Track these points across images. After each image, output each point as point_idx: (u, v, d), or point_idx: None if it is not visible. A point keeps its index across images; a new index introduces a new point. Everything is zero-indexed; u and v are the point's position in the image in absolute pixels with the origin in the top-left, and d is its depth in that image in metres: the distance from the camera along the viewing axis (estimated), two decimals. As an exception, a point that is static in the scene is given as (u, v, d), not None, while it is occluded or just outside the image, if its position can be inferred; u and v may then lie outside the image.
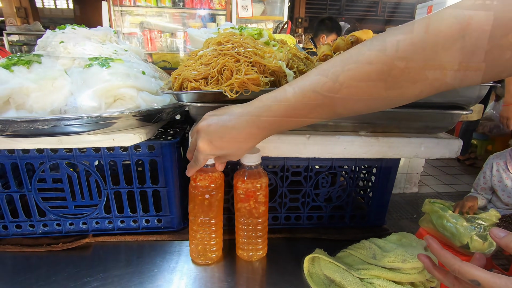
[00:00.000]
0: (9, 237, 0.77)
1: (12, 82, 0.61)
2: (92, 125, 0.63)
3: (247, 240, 0.70)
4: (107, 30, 0.86)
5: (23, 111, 0.63)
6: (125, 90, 0.67)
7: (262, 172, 0.67)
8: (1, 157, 0.70)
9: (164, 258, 0.73)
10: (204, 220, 0.66)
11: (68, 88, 0.66)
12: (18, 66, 0.65)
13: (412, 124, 0.71)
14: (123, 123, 0.66)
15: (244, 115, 0.50)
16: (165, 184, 0.76)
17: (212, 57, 0.59)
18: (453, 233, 1.62)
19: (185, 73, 0.59)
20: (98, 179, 0.73)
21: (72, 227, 0.78)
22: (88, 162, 0.72)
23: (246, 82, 0.55)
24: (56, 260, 0.72)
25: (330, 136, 0.68)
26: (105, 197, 0.76)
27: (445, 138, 0.72)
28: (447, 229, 1.69)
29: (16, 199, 0.74)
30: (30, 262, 0.72)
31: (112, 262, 0.71)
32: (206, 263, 0.69)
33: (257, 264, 0.72)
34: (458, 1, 0.38)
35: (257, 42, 0.62)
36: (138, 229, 0.80)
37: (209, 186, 0.64)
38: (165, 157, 0.74)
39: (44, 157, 0.70)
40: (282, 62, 0.60)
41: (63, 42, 0.76)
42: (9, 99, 0.62)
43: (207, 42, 0.65)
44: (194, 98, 0.59)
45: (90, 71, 0.67)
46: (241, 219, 0.68)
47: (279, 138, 0.67)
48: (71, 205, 0.76)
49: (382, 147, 0.69)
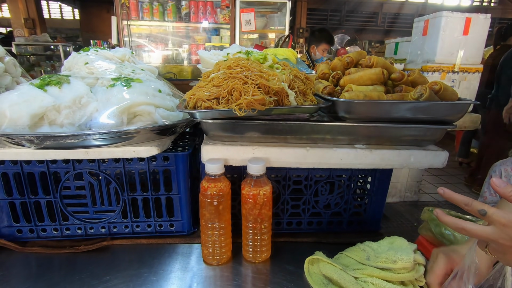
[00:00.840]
0: (35, 239, 0.84)
1: (46, 100, 0.70)
2: (116, 139, 0.71)
3: (253, 243, 0.77)
4: (125, 51, 0.95)
5: (55, 126, 0.71)
6: (144, 107, 0.75)
7: (266, 180, 0.74)
8: (31, 167, 0.77)
9: (176, 259, 0.79)
10: (214, 225, 0.73)
11: (94, 105, 0.75)
12: (50, 86, 0.74)
13: (402, 138, 0.79)
14: (142, 137, 0.75)
15: None
16: (178, 191, 0.84)
17: (223, 79, 0.67)
18: (451, 241, 1.67)
19: (199, 93, 0.67)
20: (117, 186, 0.81)
21: (92, 231, 0.85)
22: (108, 171, 0.80)
23: (253, 102, 0.63)
24: (78, 261, 0.79)
25: (328, 148, 0.75)
26: (122, 203, 0.83)
27: (433, 150, 0.79)
28: (445, 237, 1.73)
29: (43, 205, 0.81)
30: (55, 262, 0.79)
31: (129, 262, 0.78)
32: (216, 263, 0.76)
33: (261, 265, 0.78)
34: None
35: (262, 66, 0.70)
36: (152, 233, 0.87)
37: (217, 194, 0.71)
38: (178, 167, 0.81)
39: (70, 167, 0.78)
40: (284, 84, 0.68)
41: (87, 63, 0.85)
42: (44, 116, 0.70)
43: (218, 65, 0.73)
44: (207, 116, 0.67)
45: (114, 91, 0.76)
46: (247, 223, 0.75)
47: (282, 150, 0.74)
48: (92, 210, 0.84)
49: (375, 158, 0.76)
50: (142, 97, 0.76)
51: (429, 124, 0.76)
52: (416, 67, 2.80)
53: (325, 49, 3.03)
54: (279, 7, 3.70)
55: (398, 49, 3.39)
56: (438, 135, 0.78)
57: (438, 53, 2.61)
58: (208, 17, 3.28)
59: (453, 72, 2.70)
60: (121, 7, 3.03)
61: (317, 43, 2.99)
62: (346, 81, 0.79)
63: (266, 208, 0.74)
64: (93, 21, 10.85)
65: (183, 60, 3.62)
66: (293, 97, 0.69)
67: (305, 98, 0.74)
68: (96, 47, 0.92)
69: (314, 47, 3.00)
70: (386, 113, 0.73)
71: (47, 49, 8.68)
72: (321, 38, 2.99)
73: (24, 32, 8.50)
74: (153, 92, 0.80)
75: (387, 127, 0.76)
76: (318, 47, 2.99)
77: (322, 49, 3.01)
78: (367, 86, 0.78)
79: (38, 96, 0.70)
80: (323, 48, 3.01)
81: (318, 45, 2.99)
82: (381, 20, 8.56)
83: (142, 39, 3.48)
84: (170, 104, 0.82)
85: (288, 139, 0.76)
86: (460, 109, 0.76)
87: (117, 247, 0.85)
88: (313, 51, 3.00)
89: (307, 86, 0.76)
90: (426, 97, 0.72)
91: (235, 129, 0.72)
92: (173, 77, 3.12)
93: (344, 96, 0.73)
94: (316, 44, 2.99)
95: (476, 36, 2.58)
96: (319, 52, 3.02)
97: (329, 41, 3.01)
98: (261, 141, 0.76)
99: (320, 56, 3.03)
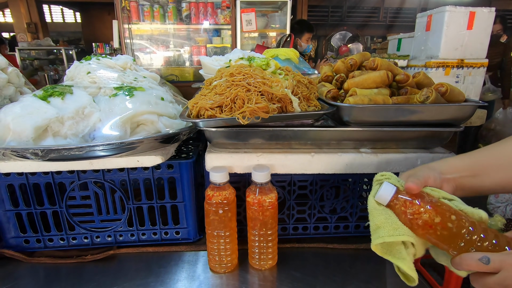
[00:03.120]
0: (42, 249, 0.84)
1: (49, 112, 0.70)
2: (119, 149, 0.71)
3: (259, 250, 0.76)
4: (127, 59, 0.95)
5: (59, 138, 0.71)
6: (147, 116, 0.75)
7: (271, 188, 0.73)
8: (36, 178, 0.78)
9: (183, 267, 0.79)
10: (219, 233, 0.73)
11: (97, 115, 0.75)
12: (53, 97, 0.74)
13: (409, 141, 0.78)
14: (146, 146, 0.74)
15: None
16: (183, 199, 0.83)
17: (226, 87, 0.66)
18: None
19: (202, 102, 0.66)
20: (122, 195, 0.81)
21: (98, 240, 0.86)
22: (113, 181, 0.80)
23: (257, 110, 0.62)
24: (85, 270, 0.79)
25: (333, 154, 0.74)
26: (128, 212, 0.83)
27: (440, 153, 0.78)
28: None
29: (49, 215, 0.81)
30: (62, 272, 0.79)
31: (136, 271, 0.78)
32: (222, 271, 0.76)
33: (268, 272, 0.78)
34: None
35: (264, 72, 0.69)
36: (158, 240, 0.87)
37: (222, 202, 0.71)
38: (182, 174, 0.81)
39: (75, 177, 0.78)
40: (287, 90, 0.67)
41: (89, 72, 0.85)
42: (47, 128, 0.70)
43: (220, 72, 0.73)
44: (210, 125, 0.66)
45: (116, 100, 0.75)
46: (253, 230, 0.75)
47: (286, 157, 0.74)
48: (98, 219, 0.84)
49: (381, 163, 0.75)
50: (145, 106, 0.75)
51: (436, 127, 0.75)
52: (420, 63, 2.77)
53: (309, 37, 3.13)
54: (279, 6, 3.68)
55: (401, 45, 3.36)
56: (445, 137, 0.77)
57: (442, 48, 2.57)
58: (209, 18, 3.27)
59: (458, 68, 2.66)
60: (122, 10, 3.04)
61: (300, 35, 3.07)
62: (350, 84, 0.78)
63: (272, 215, 0.73)
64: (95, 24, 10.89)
65: (184, 62, 3.61)
66: (297, 103, 0.68)
67: (309, 104, 0.73)
68: (98, 56, 0.92)
69: (298, 39, 3.06)
70: (392, 117, 0.72)
71: (50, 53, 8.73)
72: (302, 29, 3.08)
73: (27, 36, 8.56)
74: (155, 100, 0.79)
75: (393, 131, 0.75)
76: (302, 37, 3.08)
77: (306, 39, 3.10)
78: (372, 89, 0.76)
79: (41, 108, 0.70)
80: (306, 37, 3.10)
81: (301, 36, 3.08)
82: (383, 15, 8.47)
83: (144, 41, 3.49)
84: (173, 112, 0.82)
85: (293, 145, 0.76)
86: (468, 111, 0.74)
87: (123, 255, 0.85)
88: (298, 43, 3.07)
89: (310, 91, 0.76)
90: (432, 100, 0.71)
91: (238, 136, 0.72)
92: (175, 79, 3.12)
93: (348, 101, 0.72)
94: (299, 35, 3.07)
95: (481, 30, 2.54)
96: (303, 43, 3.09)
97: (309, 29, 3.10)
98: (265, 148, 0.76)
99: (306, 45, 3.09)
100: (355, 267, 0.81)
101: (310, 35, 3.11)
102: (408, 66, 2.96)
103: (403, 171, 0.77)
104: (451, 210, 0.50)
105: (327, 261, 0.83)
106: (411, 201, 0.51)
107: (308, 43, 3.09)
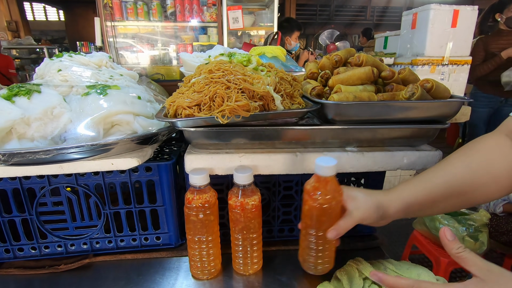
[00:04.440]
0: (12, 260, 0.79)
1: (14, 113, 0.64)
2: (92, 152, 0.67)
3: (243, 255, 0.73)
4: (102, 55, 0.90)
5: (24, 140, 0.66)
6: (122, 116, 0.70)
7: (254, 189, 0.70)
8: (2, 184, 0.72)
9: (163, 275, 0.75)
10: (201, 238, 0.69)
11: (68, 116, 0.70)
12: (19, 96, 0.68)
13: (395, 139, 0.76)
14: (121, 148, 0.70)
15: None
16: (163, 202, 0.79)
17: (204, 84, 0.63)
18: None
19: (179, 100, 0.62)
20: (97, 200, 0.76)
21: (73, 248, 0.81)
22: (87, 185, 0.75)
23: (237, 108, 0.59)
24: (59, 281, 0.74)
25: (318, 153, 0.72)
26: (104, 217, 0.79)
27: (426, 151, 0.76)
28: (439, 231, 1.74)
29: (18, 223, 0.76)
30: (33, 284, 0.74)
31: (113, 280, 0.74)
32: (206, 278, 0.72)
33: (253, 277, 0.75)
34: None
35: (246, 69, 0.66)
36: (137, 247, 0.83)
37: (203, 206, 0.67)
38: (162, 177, 0.77)
39: (45, 182, 0.73)
40: (270, 87, 0.64)
41: (60, 70, 0.79)
42: (11, 129, 0.65)
43: (199, 68, 0.69)
44: (188, 124, 0.63)
45: (88, 99, 0.71)
46: (236, 234, 0.72)
47: (270, 157, 0.71)
48: (72, 226, 0.79)
49: (367, 162, 0.73)
50: (120, 106, 0.71)
51: (422, 124, 0.74)
52: (406, 61, 2.79)
53: (297, 36, 3.13)
54: (267, 4, 3.65)
55: (388, 43, 3.38)
56: (431, 134, 0.75)
57: (427, 46, 2.60)
58: (195, 15, 3.20)
59: (443, 65, 2.69)
60: (104, 7, 2.94)
61: (290, 33, 3.06)
62: (335, 81, 0.76)
63: (256, 218, 0.70)
64: (79, 22, 10.59)
65: (171, 60, 3.54)
66: (279, 101, 0.65)
67: (293, 101, 0.70)
68: (71, 53, 0.86)
69: (288, 37, 3.05)
70: (377, 114, 0.70)
71: (32, 52, 8.45)
72: (292, 27, 3.07)
73: (7, 35, 8.26)
74: (131, 100, 0.75)
75: (379, 129, 0.73)
76: (292, 36, 3.06)
77: (296, 37, 3.09)
78: (357, 86, 0.74)
79: (4, 108, 0.65)
80: (296, 35, 3.09)
81: (291, 35, 3.06)
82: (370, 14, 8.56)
83: (128, 40, 3.39)
84: (151, 112, 0.78)
85: (276, 145, 0.73)
86: (453, 108, 0.73)
87: (100, 264, 0.80)
88: (287, 41, 3.06)
89: (294, 88, 0.73)
90: (418, 96, 0.69)
91: (219, 136, 0.68)
92: (161, 78, 3.05)
93: (333, 98, 0.69)
94: (289, 34, 3.06)
95: (464, 28, 2.57)
96: (293, 41, 3.08)
97: (299, 27, 3.10)
98: (247, 148, 0.73)
99: (295, 43, 3.09)
100: (343, 269, 0.78)
101: (299, 33, 3.10)
102: (395, 63, 2.98)
103: (390, 169, 0.76)
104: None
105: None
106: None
107: (297, 41, 3.08)
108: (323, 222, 0.61)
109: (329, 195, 0.59)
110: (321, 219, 0.61)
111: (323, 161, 0.58)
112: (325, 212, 0.60)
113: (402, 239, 2.25)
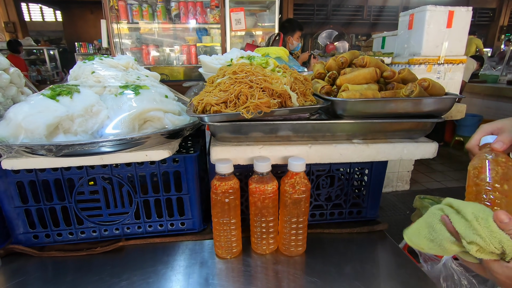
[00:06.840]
0: (52, 243, 0.87)
1: (60, 110, 0.73)
2: (128, 144, 0.75)
3: (261, 236, 0.82)
4: (129, 58, 0.98)
5: (69, 135, 0.74)
6: (154, 113, 0.79)
7: (272, 177, 0.79)
8: (45, 174, 0.80)
9: (190, 255, 0.84)
10: (225, 221, 0.78)
11: (105, 113, 0.78)
12: (62, 96, 0.76)
13: (396, 132, 0.85)
14: (153, 141, 0.78)
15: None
16: (188, 191, 0.88)
17: (229, 84, 0.71)
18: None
19: (207, 98, 0.71)
20: (130, 189, 0.85)
21: (106, 233, 0.89)
22: (121, 175, 0.83)
23: (260, 105, 0.67)
24: (94, 262, 0.83)
25: (328, 145, 0.81)
26: (135, 205, 0.87)
27: (424, 142, 0.86)
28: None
29: (58, 210, 0.84)
30: (72, 265, 0.82)
31: (144, 261, 0.82)
32: (229, 257, 0.81)
33: (269, 256, 0.84)
34: None
35: (265, 70, 0.75)
36: (164, 232, 0.92)
37: (228, 191, 0.76)
38: (187, 168, 0.85)
39: (84, 173, 0.82)
40: (286, 86, 0.73)
41: (94, 72, 0.88)
42: (58, 125, 0.73)
43: (222, 70, 0.78)
44: (216, 119, 0.71)
45: (123, 98, 0.79)
46: (255, 218, 0.81)
47: (286, 148, 0.79)
48: (106, 213, 0.87)
49: (371, 152, 0.82)
50: (151, 103, 0.79)
51: (420, 118, 0.83)
52: (403, 60, 2.88)
53: (299, 35, 3.21)
54: (267, 5, 3.74)
55: (385, 43, 3.48)
56: (428, 127, 0.84)
57: (423, 46, 2.70)
58: (198, 17, 3.29)
59: (439, 64, 2.80)
60: (110, 9, 3.01)
61: (292, 33, 3.13)
62: (342, 80, 0.85)
63: (272, 203, 0.79)
64: (77, 23, 10.58)
65: (174, 61, 3.62)
66: (295, 98, 0.74)
67: (306, 99, 0.79)
68: (101, 56, 0.95)
69: (290, 37, 3.12)
70: (381, 109, 0.79)
71: (31, 54, 8.47)
72: (294, 27, 3.14)
73: (5, 36, 8.26)
74: (160, 98, 0.83)
75: (382, 123, 0.82)
76: (294, 36, 3.14)
77: (297, 36, 3.17)
78: (362, 85, 0.83)
79: (51, 106, 0.73)
80: (298, 35, 3.17)
81: (293, 34, 3.14)
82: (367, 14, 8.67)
83: (133, 41, 3.47)
84: (177, 109, 0.86)
85: (291, 138, 0.82)
86: (448, 103, 0.82)
87: (131, 247, 0.89)
88: (289, 41, 3.13)
89: (306, 87, 0.82)
90: (416, 94, 0.78)
91: (241, 130, 0.77)
92: (165, 78, 3.13)
93: (341, 96, 0.78)
94: (291, 34, 3.13)
95: (459, 28, 2.67)
96: (295, 41, 3.16)
97: (300, 27, 3.18)
98: (266, 141, 0.81)
99: (297, 43, 3.17)
100: (350, 250, 0.88)
101: (301, 33, 3.18)
102: (392, 63, 3.07)
103: (392, 159, 0.85)
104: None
105: (324, 244, 0.89)
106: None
107: (298, 41, 3.16)
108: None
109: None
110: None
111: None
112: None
113: (400, 233, 2.35)
